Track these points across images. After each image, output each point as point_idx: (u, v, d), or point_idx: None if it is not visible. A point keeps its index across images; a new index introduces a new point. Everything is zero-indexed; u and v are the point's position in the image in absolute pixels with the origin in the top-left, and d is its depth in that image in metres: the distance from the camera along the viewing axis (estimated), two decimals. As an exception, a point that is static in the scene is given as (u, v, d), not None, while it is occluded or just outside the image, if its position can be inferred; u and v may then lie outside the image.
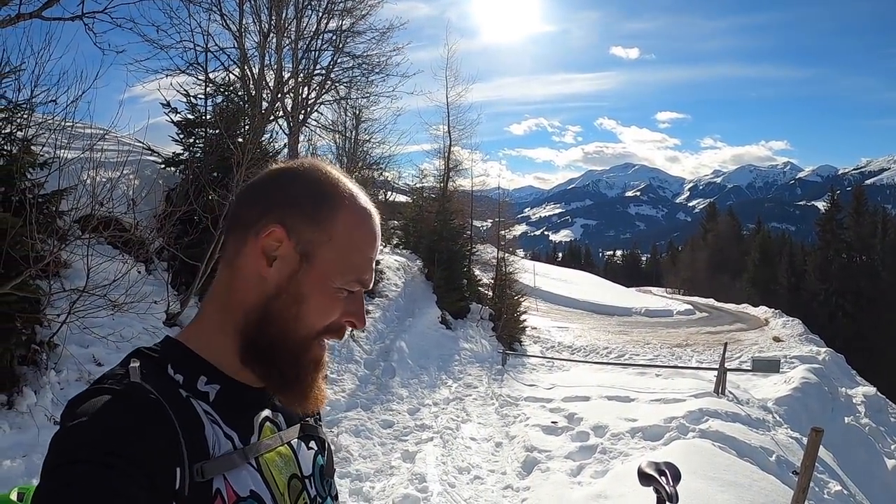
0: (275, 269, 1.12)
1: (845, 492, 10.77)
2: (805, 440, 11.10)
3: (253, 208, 1.15)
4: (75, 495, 0.85)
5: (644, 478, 2.06)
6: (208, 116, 11.38)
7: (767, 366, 17.42)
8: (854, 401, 20.72)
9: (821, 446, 6.73)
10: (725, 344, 18.16)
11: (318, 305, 1.13)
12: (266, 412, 1.20)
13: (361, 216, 1.17)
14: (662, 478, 2.01)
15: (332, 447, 1.39)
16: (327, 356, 1.22)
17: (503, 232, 31.34)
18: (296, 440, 1.25)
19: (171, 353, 1.12)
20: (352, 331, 1.23)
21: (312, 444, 1.30)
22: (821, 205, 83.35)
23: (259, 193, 1.17)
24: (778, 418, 14.14)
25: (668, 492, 1.99)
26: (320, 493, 1.26)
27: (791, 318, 38.81)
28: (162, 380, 1.06)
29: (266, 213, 1.13)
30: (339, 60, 20.24)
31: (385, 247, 24.02)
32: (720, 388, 14.84)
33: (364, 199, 1.20)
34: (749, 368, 18.16)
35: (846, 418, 17.79)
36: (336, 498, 1.33)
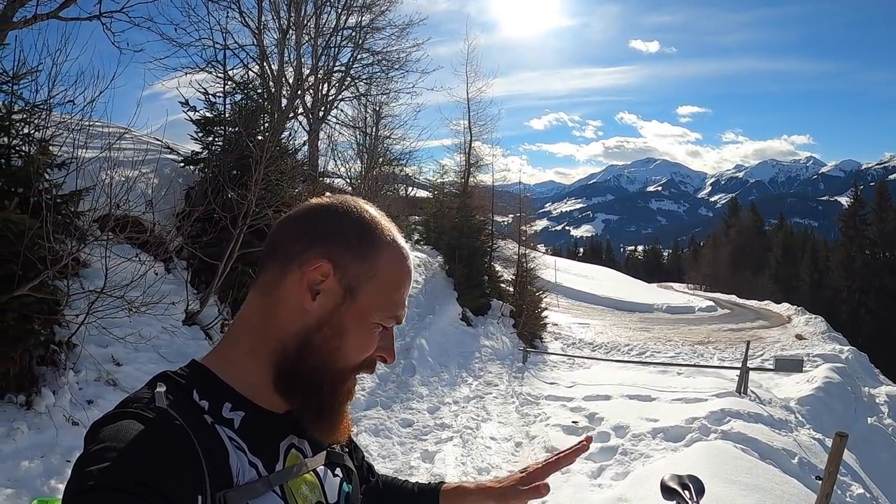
0: (318, 302, 1.12)
1: (868, 494, 10.63)
2: (828, 441, 11.01)
3: (297, 241, 1.14)
4: None
5: (667, 491, 2.00)
6: (227, 114, 11.36)
7: (791, 365, 17.26)
8: (877, 400, 20.52)
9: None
10: (748, 343, 18.02)
11: (357, 340, 1.15)
12: (291, 439, 1.19)
13: (401, 256, 1.19)
14: (686, 492, 1.95)
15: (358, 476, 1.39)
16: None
17: (524, 227, 31.24)
18: (322, 467, 1.24)
19: (196, 377, 1.12)
20: (383, 363, 1.24)
21: (338, 471, 1.29)
22: (844, 200, 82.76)
23: (304, 227, 1.16)
24: (800, 418, 14.02)
25: (691, 507, 1.93)
26: None
27: (814, 316, 38.52)
28: (187, 405, 1.05)
29: (311, 246, 1.13)
30: (358, 57, 20.33)
31: (406, 243, 24.02)
32: (742, 388, 14.72)
33: (401, 238, 1.22)
34: (772, 368, 18.00)
35: (869, 419, 17.62)
36: None
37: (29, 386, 6.04)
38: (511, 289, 27.09)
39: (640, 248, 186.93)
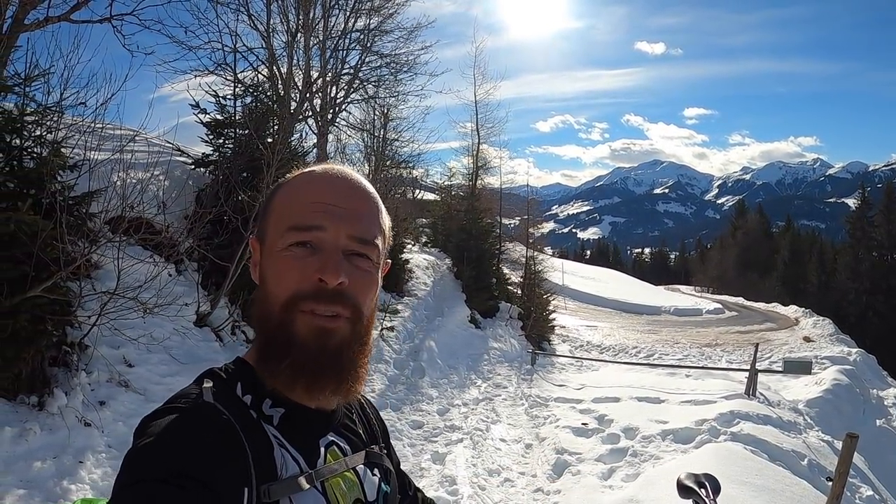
0: (256, 272, 1.18)
1: (877, 497, 10.59)
2: (836, 443, 10.99)
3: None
4: None
5: (683, 490, 2.00)
6: (237, 117, 11.37)
7: (799, 367, 17.23)
8: (886, 402, 20.50)
9: (853, 451, 6.61)
10: (757, 345, 18.00)
11: (272, 276, 1.12)
12: (331, 437, 1.20)
13: (299, 178, 1.17)
14: (702, 490, 1.95)
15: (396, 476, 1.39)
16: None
17: (531, 230, 31.28)
18: (361, 466, 1.24)
19: (240, 373, 1.15)
20: (326, 286, 1.08)
21: (377, 471, 1.29)
22: (851, 202, 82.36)
23: None
24: (809, 420, 13.99)
25: (709, 505, 1.93)
26: None
27: (821, 318, 38.47)
28: (233, 401, 1.08)
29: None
30: (367, 59, 20.33)
31: (414, 245, 24.03)
32: (751, 390, 14.69)
33: (319, 166, 1.19)
34: (780, 370, 17.97)
35: (878, 421, 17.58)
36: None
37: (41, 387, 6.04)
38: (519, 291, 27.12)
39: (647, 250, 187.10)
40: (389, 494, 1.29)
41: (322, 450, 1.16)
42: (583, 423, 11.84)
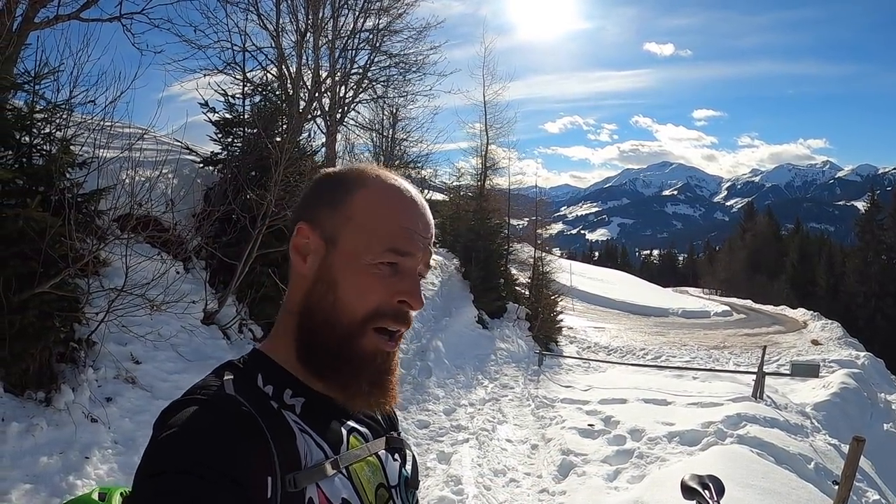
0: (309, 263, 1.14)
1: (884, 501, 10.52)
2: (843, 447, 10.93)
3: (293, 216, 1.20)
4: None
5: (687, 491, 2.00)
6: (246, 116, 11.40)
7: (807, 371, 17.13)
8: (893, 406, 20.34)
9: (860, 454, 6.60)
10: (764, 347, 17.98)
11: (351, 286, 1.11)
12: (352, 423, 1.21)
13: (385, 190, 1.16)
14: (706, 491, 1.95)
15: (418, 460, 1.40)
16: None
17: (540, 231, 31.23)
18: (383, 451, 1.25)
19: (258, 364, 1.14)
20: (409, 311, 1.14)
21: (397, 456, 1.30)
22: (860, 205, 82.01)
23: (298, 205, 1.22)
24: (816, 424, 13.92)
25: (712, 507, 1.93)
26: (405, 502, 1.26)
27: (830, 321, 38.42)
28: (253, 391, 1.08)
29: (296, 217, 1.18)
30: (375, 59, 20.34)
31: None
32: (758, 392, 14.63)
33: (394, 177, 1.19)
34: (788, 373, 17.89)
35: (885, 425, 17.46)
36: None
37: (49, 383, 6.08)
38: (526, 292, 27.07)
39: (655, 252, 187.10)
40: (410, 478, 1.31)
41: (345, 436, 1.17)
42: (589, 425, 11.82)
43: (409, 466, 1.32)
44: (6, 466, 5.02)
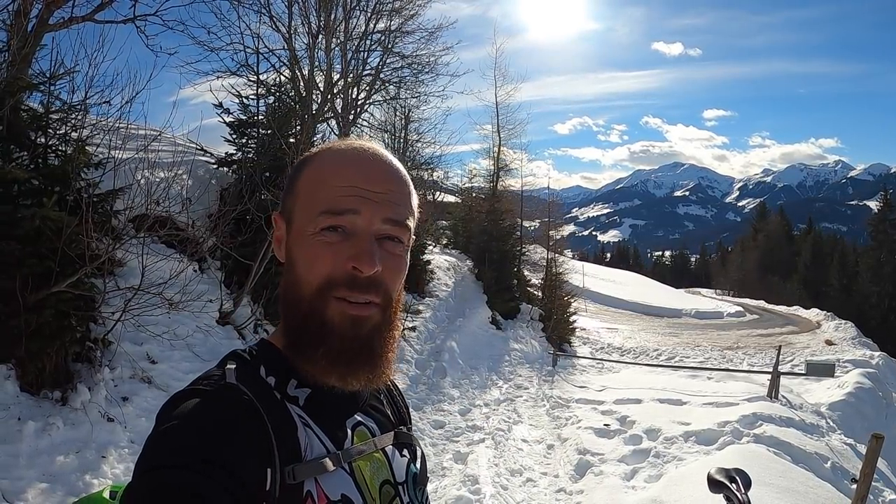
0: (281, 251, 1.17)
1: (900, 501, 10.49)
2: (860, 447, 10.88)
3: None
4: (163, 501, 0.87)
5: (714, 485, 1.99)
6: (260, 117, 11.44)
7: (822, 370, 17.07)
8: (909, 406, 20.28)
9: (877, 453, 6.56)
10: (779, 347, 17.91)
11: (303, 259, 1.09)
12: (358, 417, 1.19)
13: (326, 158, 1.13)
14: (733, 484, 1.93)
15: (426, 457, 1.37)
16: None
17: (552, 232, 31.27)
18: (390, 447, 1.23)
19: (263, 355, 1.13)
20: (361, 275, 1.06)
21: (405, 451, 1.28)
22: (873, 204, 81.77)
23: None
24: (832, 424, 13.87)
25: (740, 499, 1.91)
26: (413, 500, 1.24)
27: (843, 321, 38.36)
28: (256, 382, 1.07)
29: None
30: (388, 61, 20.39)
31: (435, 246, 24.06)
32: (773, 392, 14.58)
33: (345, 143, 1.16)
34: (803, 372, 17.83)
35: (900, 424, 17.40)
36: None
37: (65, 382, 6.08)
38: (540, 293, 27.12)
39: (667, 253, 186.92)
40: (418, 475, 1.28)
41: (349, 430, 1.15)
42: (605, 424, 11.79)
43: (418, 463, 1.30)
44: (23, 466, 5.02)
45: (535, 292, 27.25)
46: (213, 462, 0.89)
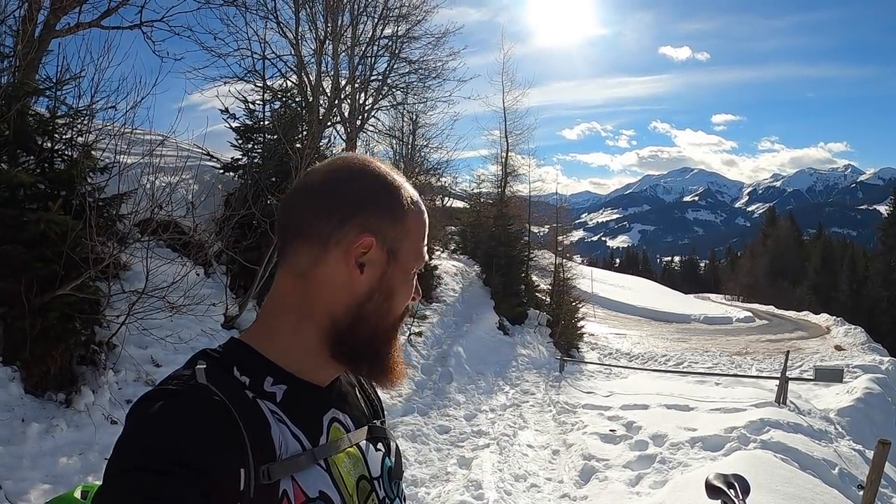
0: (366, 274, 1.13)
1: (908, 507, 10.44)
2: (868, 453, 10.82)
3: (329, 218, 1.12)
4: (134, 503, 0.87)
5: (712, 490, 1.98)
6: (267, 122, 11.48)
7: (831, 375, 16.96)
8: (919, 412, 20.17)
9: (885, 460, 6.53)
10: (787, 352, 17.87)
11: (403, 294, 1.18)
12: (334, 412, 1.19)
13: (421, 209, 1.21)
14: (731, 490, 1.92)
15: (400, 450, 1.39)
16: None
17: (561, 237, 31.24)
18: (364, 442, 1.24)
19: (236, 354, 1.11)
20: (415, 302, 1.27)
21: (380, 445, 1.29)
22: (883, 209, 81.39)
23: (330, 200, 1.13)
24: (840, 430, 13.82)
25: (738, 506, 1.90)
26: (389, 494, 1.25)
27: (853, 326, 38.13)
28: (227, 381, 1.05)
29: (347, 220, 1.12)
30: (395, 66, 20.34)
31: (442, 252, 24.08)
32: (782, 398, 14.51)
33: (414, 190, 1.23)
34: (811, 378, 17.75)
35: (910, 430, 17.31)
36: (404, 500, 1.33)
37: (69, 385, 6.12)
38: (547, 298, 27.06)
39: (676, 258, 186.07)
40: (393, 469, 1.29)
41: (325, 426, 1.15)
42: (611, 430, 11.77)
43: (393, 457, 1.31)
44: (26, 467, 5.05)
45: (543, 297, 27.17)
46: (185, 464, 0.89)
